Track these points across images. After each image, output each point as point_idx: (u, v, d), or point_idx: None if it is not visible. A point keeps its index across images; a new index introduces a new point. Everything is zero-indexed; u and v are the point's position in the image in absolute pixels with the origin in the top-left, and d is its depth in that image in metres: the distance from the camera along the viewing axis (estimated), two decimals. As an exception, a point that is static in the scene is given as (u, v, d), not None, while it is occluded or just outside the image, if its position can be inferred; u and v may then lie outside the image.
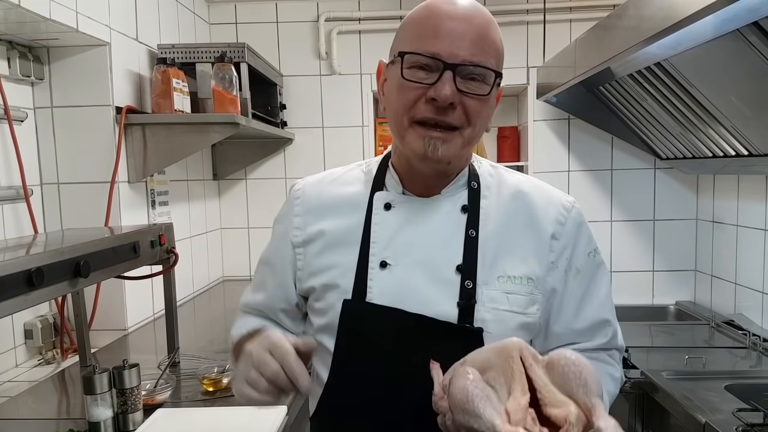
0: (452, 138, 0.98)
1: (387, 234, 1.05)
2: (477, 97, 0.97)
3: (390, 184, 1.10)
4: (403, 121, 0.99)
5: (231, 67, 2.38)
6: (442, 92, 0.93)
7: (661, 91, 2.22)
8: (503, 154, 3.39)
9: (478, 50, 0.96)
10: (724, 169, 2.59)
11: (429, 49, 0.95)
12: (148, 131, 2.31)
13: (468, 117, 0.97)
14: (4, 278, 1.16)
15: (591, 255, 1.09)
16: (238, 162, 3.37)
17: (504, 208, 1.08)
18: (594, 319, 1.08)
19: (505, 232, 1.06)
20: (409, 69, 0.96)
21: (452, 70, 0.94)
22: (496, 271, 1.03)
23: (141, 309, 2.44)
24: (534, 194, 1.11)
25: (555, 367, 0.81)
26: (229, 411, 1.61)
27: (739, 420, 1.59)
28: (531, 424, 0.74)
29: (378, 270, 1.03)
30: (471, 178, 1.10)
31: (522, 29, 3.21)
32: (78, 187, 2.21)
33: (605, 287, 1.11)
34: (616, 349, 1.13)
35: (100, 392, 1.44)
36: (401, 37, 1.02)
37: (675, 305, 3.17)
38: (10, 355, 2.04)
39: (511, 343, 0.83)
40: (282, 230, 1.18)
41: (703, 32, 1.59)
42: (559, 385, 0.79)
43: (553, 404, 0.77)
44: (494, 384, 0.81)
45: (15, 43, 2.04)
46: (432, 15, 0.97)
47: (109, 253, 1.57)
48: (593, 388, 0.77)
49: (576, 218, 1.09)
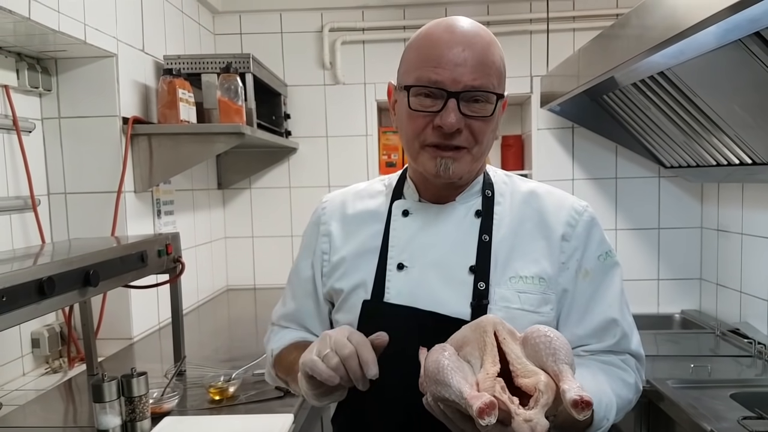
0: (462, 156, 1.04)
1: (404, 238, 1.11)
2: (481, 118, 1.02)
3: (407, 193, 1.17)
4: (414, 145, 1.06)
5: (236, 77, 2.39)
6: (447, 121, 0.99)
7: (665, 100, 2.23)
8: (507, 162, 3.40)
9: (479, 74, 1.00)
10: (728, 177, 2.60)
11: (432, 78, 1.00)
12: (155, 141, 2.33)
13: (474, 137, 1.03)
14: (17, 288, 1.17)
15: (602, 258, 1.11)
16: (243, 171, 3.38)
17: (517, 212, 1.13)
18: (602, 320, 1.09)
19: (518, 235, 1.10)
20: (416, 98, 1.02)
21: (456, 97, 0.99)
22: (509, 272, 1.07)
23: (147, 318, 2.45)
24: (546, 198, 1.15)
25: (529, 341, 0.83)
26: (236, 419, 1.61)
27: (744, 428, 1.59)
28: (499, 391, 0.75)
29: (395, 272, 1.09)
30: (485, 186, 1.15)
31: (525, 39, 3.23)
32: (85, 197, 2.23)
33: (616, 289, 1.12)
34: (630, 353, 1.12)
35: (108, 400, 1.45)
36: (406, 64, 1.08)
37: (680, 314, 3.17)
38: (18, 363, 2.04)
39: (487, 320, 0.86)
40: (309, 241, 1.26)
41: (705, 42, 1.60)
42: (532, 357, 0.81)
43: (524, 375, 0.78)
44: (470, 358, 0.83)
45: (24, 55, 2.06)
46: (433, 44, 1.02)
47: (117, 263, 1.59)
48: (561, 355, 0.79)
49: (587, 221, 1.12)
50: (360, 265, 1.14)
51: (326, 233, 1.21)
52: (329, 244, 1.20)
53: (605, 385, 1.02)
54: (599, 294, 1.10)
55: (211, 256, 3.24)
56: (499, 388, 0.76)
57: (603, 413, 0.97)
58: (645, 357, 1.17)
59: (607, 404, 0.99)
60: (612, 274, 1.12)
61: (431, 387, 0.80)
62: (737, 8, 1.27)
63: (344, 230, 1.20)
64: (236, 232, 3.44)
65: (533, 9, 3.19)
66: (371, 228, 1.16)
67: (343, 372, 0.90)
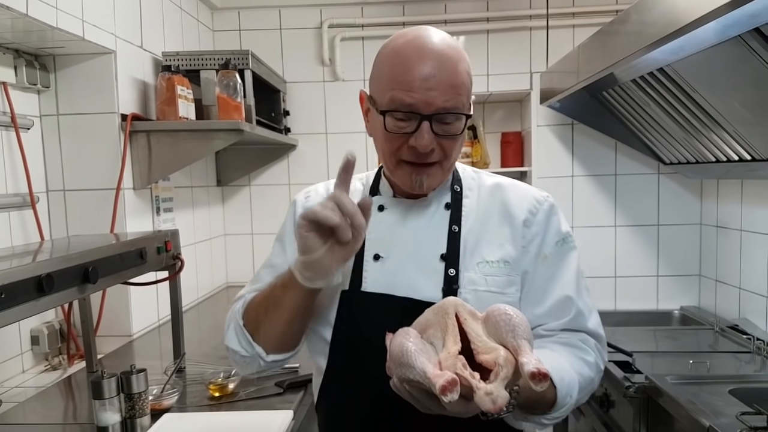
0: (434, 171, 1.12)
1: (380, 232, 1.18)
2: (452, 137, 1.10)
3: (383, 189, 1.24)
4: (392, 161, 1.13)
5: (235, 74, 2.39)
6: (422, 143, 1.06)
7: (665, 96, 2.23)
8: (507, 159, 3.40)
9: (450, 96, 1.06)
10: (727, 173, 2.60)
11: (406, 101, 1.05)
12: (153, 138, 2.32)
13: (445, 153, 1.11)
14: (16, 284, 1.17)
15: (559, 243, 1.19)
16: (242, 168, 3.38)
17: (483, 203, 1.21)
18: (557, 298, 1.15)
19: (484, 224, 1.18)
20: (391, 119, 1.08)
21: (428, 119, 1.06)
22: (476, 258, 1.15)
23: (146, 315, 2.45)
24: (510, 189, 1.23)
25: (489, 319, 0.87)
26: (236, 416, 1.62)
27: (743, 423, 1.59)
28: (461, 368, 0.78)
29: (372, 262, 1.16)
30: (454, 182, 1.23)
31: (525, 35, 3.23)
32: (83, 194, 2.23)
33: (572, 271, 1.18)
34: (587, 332, 1.17)
35: (108, 397, 1.45)
36: (378, 81, 1.12)
37: (679, 310, 3.17)
38: (17, 361, 2.05)
39: (448, 302, 0.90)
40: (287, 233, 1.28)
41: (705, 38, 1.60)
42: (493, 335, 0.85)
43: (484, 351, 0.82)
44: (433, 340, 0.87)
45: (22, 52, 2.06)
46: (404, 64, 1.07)
47: (116, 260, 1.59)
48: (520, 331, 0.83)
49: (547, 209, 1.20)
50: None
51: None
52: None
53: (566, 364, 1.07)
54: (556, 276, 1.17)
55: (211, 253, 3.24)
56: (460, 365, 0.79)
57: (566, 391, 1.02)
58: (643, 353, 1.20)
59: (569, 382, 1.03)
60: (569, 258, 1.19)
61: (396, 370, 0.83)
62: (736, 4, 1.27)
63: None
64: (236, 229, 3.44)
65: (533, 5, 3.18)
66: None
67: (339, 213, 0.96)
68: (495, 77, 3.24)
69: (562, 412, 1.04)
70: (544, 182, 3.22)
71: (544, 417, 1.05)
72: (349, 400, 1.16)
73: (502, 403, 0.75)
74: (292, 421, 1.58)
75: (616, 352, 2.32)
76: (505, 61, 3.23)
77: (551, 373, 0.96)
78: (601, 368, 1.17)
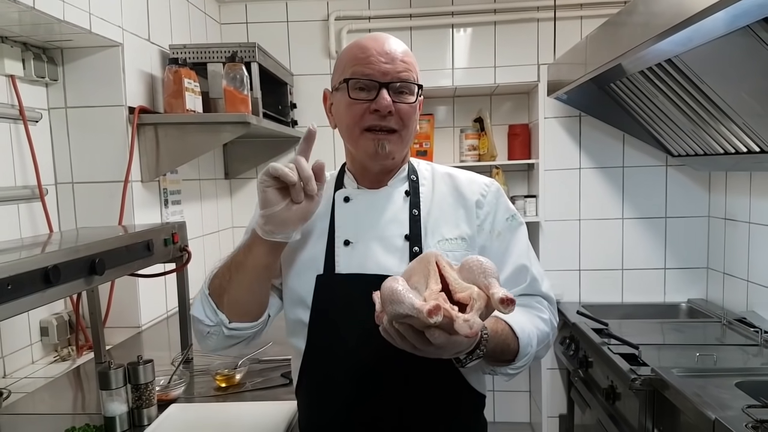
0: (393, 138, 1.25)
1: (348, 220, 1.30)
2: (407, 104, 1.24)
3: (347, 182, 1.36)
4: (354, 131, 1.25)
5: (242, 66, 2.39)
6: (382, 103, 1.20)
7: (673, 87, 2.22)
8: (514, 151, 3.38)
9: (401, 69, 1.23)
10: (736, 165, 2.58)
11: (365, 71, 1.22)
12: (161, 131, 2.33)
13: (402, 120, 1.24)
14: (22, 276, 1.18)
15: (509, 220, 1.33)
16: (250, 161, 3.39)
17: (438, 190, 1.34)
18: (514, 267, 1.29)
19: (441, 207, 1.32)
20: (353, 90, 1.23)
21: (386, 86, 1.21)
22: (436, 236, 1.28)
23: (154, 307, 2.47)
24: (460, 176, 1.37)
25: (464, 266, 0.99)
26: (242, 406, 1.63)
27: (749, 416, 1.58)
28: (443, 302, 0.89)
29: (343, 247, 1.27)
30: (410, 172, 1.36)
31: (533, 27, 3.21)
32: (92, 187, 2.24)
33: (522, 243, 1.33)
34: (542, 296, 1.31)
35: (115, 387, 1.46)
36: (339, 68, 1.28)
37: (687, 303, 3.16)
38: (27, 352, 2.07)
39: (429, 253, 1.03)
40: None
41: (713, 28, 1.59)
42: (467, 278, 0.97)
43: (460, 291, 0.94)
44: (417, 286, 0.98)
45: (30, 45, 2.07)
46: (362, 48, 1.24)
47: (123, 252, 1.60)
48: (490, 272, 0.95)
49: (495, 192, 1.35)
50: (311, 244, 1.30)
51: None
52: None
53: (525, 318, 1.21)
54: (510, 248, 1.31)
55: (219, 246, 3.25)
56: (442, 299, 0.90)
57: (527, 341, 1.16)
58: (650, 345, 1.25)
59: (529, 333, 1.18)
60: (518, 233, 1.33)
61: (387, 308, 0.92)
62: (745, -6, 1.26)
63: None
64: (244, 221, 3.45)
65: (540, -4, 3.17)
66: (320, 216, 1.29)
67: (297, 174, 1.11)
68: (502, 69, 3.23)
69: (523, 362, 1.17)
70: (551, 174, 3.21)
71: (509, 367, 1.18)
72: (329, 375, 1.25)
73: (477, 328, 0.88)
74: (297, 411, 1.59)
75: (623, 344, 2.32)
76: (512, 53, 3.21)
77: (513, 326, 1.15)
78: (554, 325, 1.31)
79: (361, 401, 1.23)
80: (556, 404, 3.24)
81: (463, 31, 3.26)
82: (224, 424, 1.51)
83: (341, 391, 1.24)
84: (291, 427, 1.51)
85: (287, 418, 1.53)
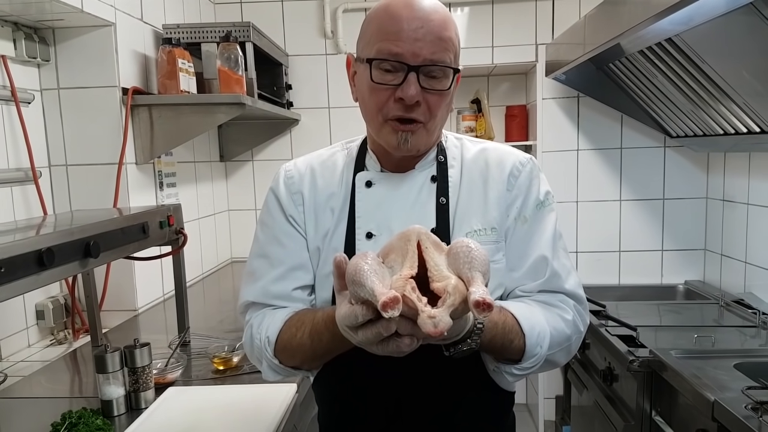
0: (418, 130, 1.11)
1: (369, 208, 1.18)
2: (438, 92, 1.08)
3: (369, 164, 1.23)
4: (377, 119, 1.12)
5: (236, 46, 2.36)
6: (408, 93, 1.05)
7: (672, 67, 2.19)
8: (511, 132, 3.36)
9: (437, 49, 1.06)
10: (735, 146, 2.56)
11: (393, 50, 1.05)
12: (155, 112, 2.30)
13: (430, 110, 1.10)
14: (16, 258, 1.16)
15: (539, 206, 1.19)
16: (245, 143, 3.36)
17: (467, 172, 1.21)
18: (534, 259, 1.16)
19: (470, 192, 1.18)
20: (377, 71, 1.08)
21: (415, 71, 1.05)
22: (465, 228, 1.15)
23: (151, 290, 2.46)
24: (492, 153, 1.22)
25: (452, 250, 0.88)
26: (240, 389, 1.62)
27: (748, 398, 1.58)
28: (409, 291, 0.80)
29: (365, 241, 1.16)
30: (439, 152, 1.22)
31: (531, 6, 3.17)
32: (86, 169, 2.22)
33: (549, 232, 1.18)
34: (565, 293, 1.17)
35: (112, 371, 1.46)
36: (365, 37, 1.12)
37: (684, 284, 3.16)
38: (23, 335, 2.06)
39: (412, 229, 0.91)
40: (276, 220, 1.24)
41: (715, 6, 1.56)
42: (452, 265, 0.87)
43: (438, 280, 0.84)
44: (393, 265, 0.89)
45: (20, 25, 2.03)
46: (392, 18, 1.06)
47: (118, 234, 1.58)
48: (476, 264, 0.84)
49: (530, 172, 1.20)
50: (328, 234, 1.19)
51: (300, 202, 1.23)
52: (304, 214, 1.22)
53: (540, 315, 1.09)
54: (534, 238, 1.17)
55: (215, 229, 3.23)
56: (409, 288, 0.81)
57: (536, 340, 1.05)
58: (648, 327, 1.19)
59: (540, 332, 1.06)
60: (547, 220, 1.19)
61: (350, 287, 0.85)
62: (749, -30, 1.24)
63: (312, 197, 1.22)
64: (239, 204, 3.43)
65: (539, -25, 3.13)
66: (337, 198, 1.20)
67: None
68: (500, 49, 3.19)
69: (532, 362, 1.07)
70: (549, 156, 3.19)
71: (515, 367, 1.08)
72: (348, 369, 1.17)
73: (443, 328, 0.77)
74: (295, 395, 1.59)
75: (621, 326, 2.32)
76: (510, 33, 3.18)
77: (520, 320, 1.04)
78: (580, 329, 1.17)
79: (383, 395, 1.16)
80: (552, 385, 3.25)
81: (460, 10, 3.22)
82: (222, 406, 1.51)
83: (359, 387, 1.18)
84: (288, 411, 1.51)
85: (285, 400, 1.53)
